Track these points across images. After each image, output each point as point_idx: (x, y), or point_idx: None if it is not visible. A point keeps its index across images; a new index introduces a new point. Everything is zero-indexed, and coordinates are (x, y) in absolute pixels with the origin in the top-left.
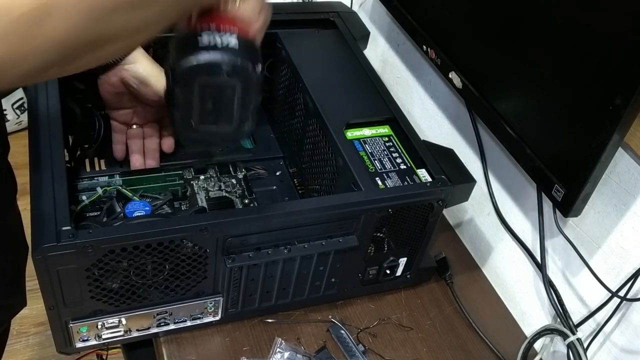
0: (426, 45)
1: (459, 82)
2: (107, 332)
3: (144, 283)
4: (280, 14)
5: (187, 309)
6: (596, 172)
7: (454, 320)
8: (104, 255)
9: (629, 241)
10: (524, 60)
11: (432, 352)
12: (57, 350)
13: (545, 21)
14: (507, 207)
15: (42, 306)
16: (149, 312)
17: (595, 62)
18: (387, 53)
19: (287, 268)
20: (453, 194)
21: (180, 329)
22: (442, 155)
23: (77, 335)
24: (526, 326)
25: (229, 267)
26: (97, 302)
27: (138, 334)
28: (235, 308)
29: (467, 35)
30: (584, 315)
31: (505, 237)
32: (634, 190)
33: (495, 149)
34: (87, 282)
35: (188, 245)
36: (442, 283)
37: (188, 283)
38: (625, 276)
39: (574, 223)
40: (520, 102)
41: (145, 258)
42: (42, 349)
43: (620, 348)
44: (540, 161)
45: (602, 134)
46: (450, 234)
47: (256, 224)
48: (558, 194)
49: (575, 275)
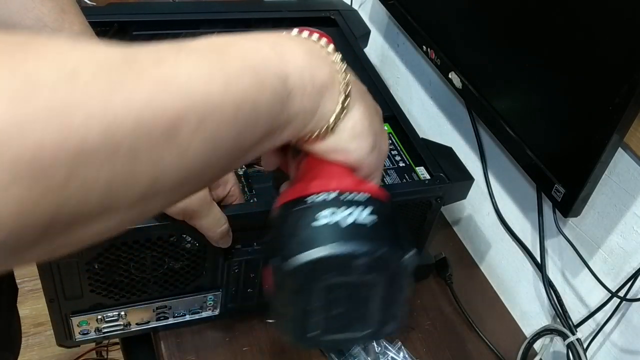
0: (426, 45)
1: (458, 82)
2: (107, 325)
3: (143, 277)
4: (281, 11)
5: (186, 303)
6: (596, 172)
7: (454, 320)
8: (104, 249)
9: (629, 241)
10: (524, 60)
11: (432, 352)
12: (57, 343)
13: (545, 21)
14: (506, 207)
15: (42, 306)
16: (149, 306)
17: (595, 62)
18: (387, 53)
19: None
20: (451, 191)
21: (179, 323)
22: (441, 153)
23: (77, 329)
24: (526, 326)
25: (227, 262)
26: (97, 295)
27: (137, 327)
28: (234, 303)
29: (467, 35)
30: (584, 316)
31: (505, 237)
32: (634, 190)
33: (495, 149)
34: (87, 275)
35: (187, 239)
36: (442, 283)
37: (187, 277)
38: (625, 276)
39: (573, 223)
40: (520, 102)
41: (145, 252)
42: (42, 349)
43: (620, 348)
44: (540, 161)
45: (602, 134)
46: (450, 234)
47: (255, 219)
48: (558, 194)
49: (575, 276)
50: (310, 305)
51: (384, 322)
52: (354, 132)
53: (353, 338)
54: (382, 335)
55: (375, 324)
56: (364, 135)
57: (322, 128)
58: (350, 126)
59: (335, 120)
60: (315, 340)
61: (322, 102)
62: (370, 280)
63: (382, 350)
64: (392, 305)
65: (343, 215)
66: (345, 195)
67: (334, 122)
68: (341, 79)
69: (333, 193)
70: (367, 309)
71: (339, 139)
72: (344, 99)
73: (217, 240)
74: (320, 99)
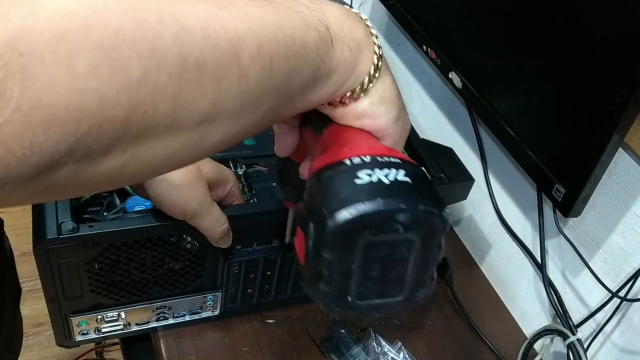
0: (426, 45)
1: (459, 82)
2: (107, 325)
3: (143, 277)
4: None
5: (186, 303)
6: (596, 172)
7: (454, 321)
8: (104, 249)
9: (629, 241)
10: (524, 60)
11: (432, 352)
12: (57, 343)
13: (545, 21)
14: (507, 207)
15: (42, 306)
16: (148, 306)
17: (596, 62)
18: (387, 53)
19: (285, 264)
20: (451, 192)
21: (179, 324)
22: (441, 154)
23: (77, 329)
24: (526, 326)
25: (227, 263)
26: (97, 295)
27: (137, 327)
28: (234, 303)
29: (467, 35)
30: (584, 316)
31: (505, 237)
32: (634, 190)
33: (495, 149)
34: (88, 275)
35: (188, 240)
36: (442, 283)
37: (187, 278)
38: (625, 276)
39: (574, 223)
40: (520, 102)
41: (145, 252)
42: (42, 349)
43: (620, 348)
44: (540, 161)
45: (602, 134)
46: (450, 234)
47: (255, 219)
48: (558, 194)
49: (575, 276)
50: (350, 265)
51: (416, 287)
52: (384, 97)
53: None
54: (414, 302)
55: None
56: (392, 102)
57: (356, 88)
58: (382, 90)
59: (369, 81)
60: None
61: (360, 58)
62: (409, 238)
63: (382, 351)
64: (425, 270)
65: (382, 174)
66: (381, 157)
67: (368, 83)
68: (375, 41)
69: (368, 156)
70: (402, 272)
71: (371, 102)
72: (378, 60)
73: (218, 241)
74: (358, 54)
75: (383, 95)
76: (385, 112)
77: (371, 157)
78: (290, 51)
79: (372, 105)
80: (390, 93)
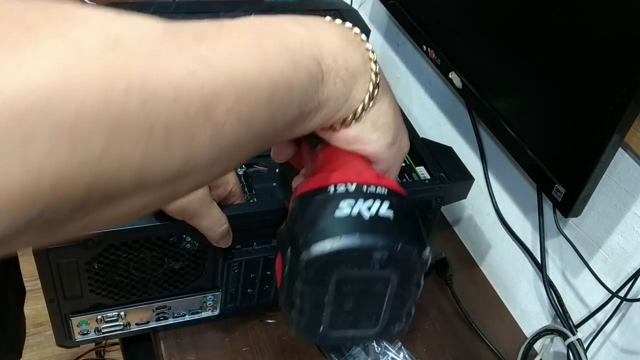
0: (426, 45)
1: (459, 82)
2: (107, 325)
3: (143, 277)
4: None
5: (186, 303)
6: (596, 172)
7: (454, 321)
8: (104, 249)
9: (630, 241)
10: (524, 60)
11: (432, 352)
12: (57, 344)
13: (545, 21)
14: (507, 207)
15: (42, 306)
16: (148, 306)
17: (596, 61)
18: (387, 53)
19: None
20: (451, 191)
21: (179, 324)
22: (441, 153)
23: (77, 329)
24: (526, 326)
25: (227, 263)
26: (96, 295)
27: (137, 327)
28: (234, 303)
29: (467, 35)
30: (584, 316)
31: (505, 237)
32: (634, 190)
33: (495, 149)
34: (87, 275)
35: (187, 240)
36: (442, 283)
37: (187, 278)
38: (625, 276)
39: (574, 223)
40: (520, 102)
41: (145, 252)
42: (42, 349)
43: (620, 348)
44: (540, 161)
45: (602, 134)
46: (450, 234)
47: (255, 219)
48: (558, 194)
49: (575, 276)
50: (323, 297)
51: (391, 322)
52: (378, 123)
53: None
54: (388, 335)
55: (384, 323)
56: (387, 128)
57: (349, 116)
58: (376, 117)
59: (362, 109)
60: (323, 335)
61: (355, 88)
62: (385, 275)
63: (382, 351)
64: (401, 306)
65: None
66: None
67: (361, 111)
68: (372, 68)
69: (354, 185)
70: (377, 307)
71: (363, 129)
72: (373, 88)
73: (218, 241)
74: (352, 85)
75: (376, 121)
76: (378, 138)
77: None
78: (273, 97)
79: (363, 132)
80: (386, 119)
